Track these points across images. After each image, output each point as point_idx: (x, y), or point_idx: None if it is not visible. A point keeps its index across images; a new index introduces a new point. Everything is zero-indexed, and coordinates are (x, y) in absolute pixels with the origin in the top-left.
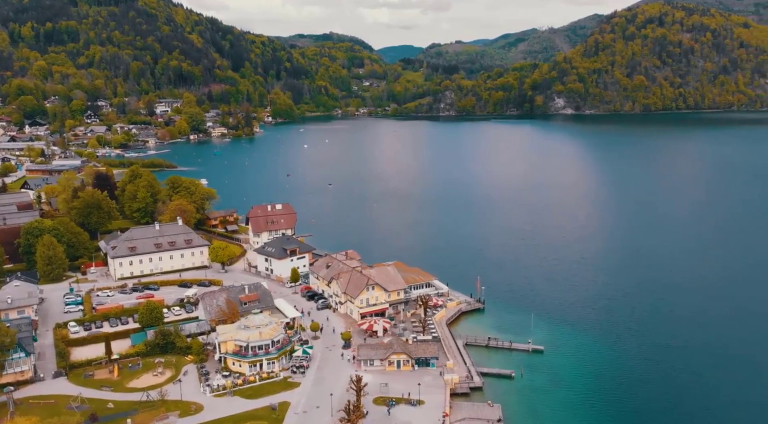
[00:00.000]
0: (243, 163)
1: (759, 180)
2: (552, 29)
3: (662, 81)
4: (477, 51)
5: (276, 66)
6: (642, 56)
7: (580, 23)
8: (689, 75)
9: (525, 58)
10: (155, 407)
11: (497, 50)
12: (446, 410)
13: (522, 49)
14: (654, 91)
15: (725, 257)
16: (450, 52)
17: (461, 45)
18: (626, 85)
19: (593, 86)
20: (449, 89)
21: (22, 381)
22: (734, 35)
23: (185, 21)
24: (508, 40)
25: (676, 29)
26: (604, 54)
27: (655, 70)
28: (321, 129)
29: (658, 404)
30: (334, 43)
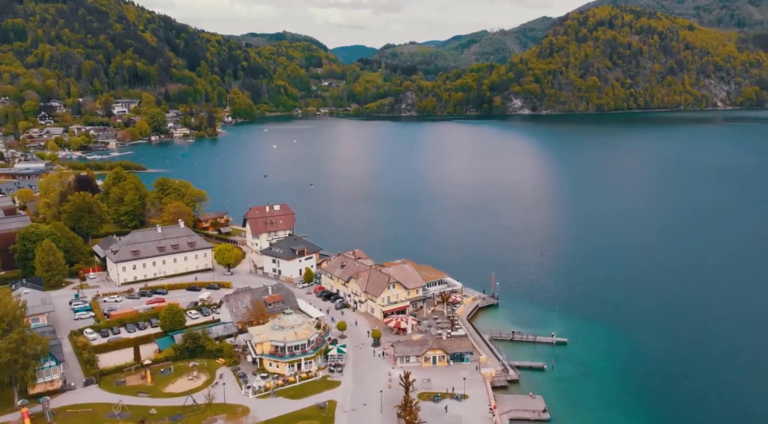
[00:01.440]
0: (214, 164)
1: (715, 175)
2: (503, 31)
3: (614, 82)
4: (431, 52)
5: (233, 65)
6: (594, 58)
7: (530, 25)
8: (639, 76)
9: (477, 60)
10: (201, 411)
11: (450, 51)
12: (493, 403)
13: (474, 51)
14: (606, 92)
15: (728, 251)
16: (405, 53)
17: (415, 46)
18: (580, 86)
19: (549, 87)
20: (410, 90)
21: (52, 391)
22: (680, 37)
23: (137, 19)
24: (461, 41)
25: (625, 32)
26: (559, 55)
27: (606, 71)
28: (285, 129)
29: (684, 388)
30: (290, 42)
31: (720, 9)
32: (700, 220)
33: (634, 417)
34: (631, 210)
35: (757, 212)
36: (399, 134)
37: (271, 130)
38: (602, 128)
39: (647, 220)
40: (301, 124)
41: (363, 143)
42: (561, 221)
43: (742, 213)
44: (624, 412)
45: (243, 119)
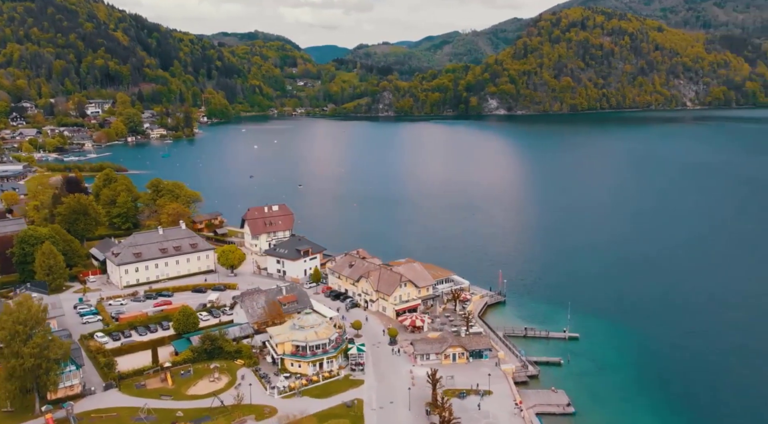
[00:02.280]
0: (197, 164)
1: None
2: (475, 32)
3: (587, 82)
4: (404, 52)
5: (206, 65)
6: (567, 58)
7: (501, 26)
8: (611, 76)
9: (450, 60)
10: (228, 412)
11: (423, 52)
12: (518, 398)
13: (447, 52)
14: (580, 92)
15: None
16: (378, 53)
17: (389, 46)
18: (554, 87)
19: (524, 87)
20: (387, 90)
21: (72, 396)
22: (650, 38)
23: (108, 18)
24: (433, 42)
25: (597, 33)
26: (533, 56)
27: (580, 72)
28: (263, 129)
29: (700, 379)
30: (264, 41)
31: (686, 11)
32: (689, 214)
33: (656, 409)
34: (620, 206)
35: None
36: (379, 134)
37: (248, 130)
38: (577, 128)
39: (639, 215)
40: (279, 125)
41: (345, 143)
42: (555, 218)
43: (733, 208)
44: (644, 404)
45: (218, 119)
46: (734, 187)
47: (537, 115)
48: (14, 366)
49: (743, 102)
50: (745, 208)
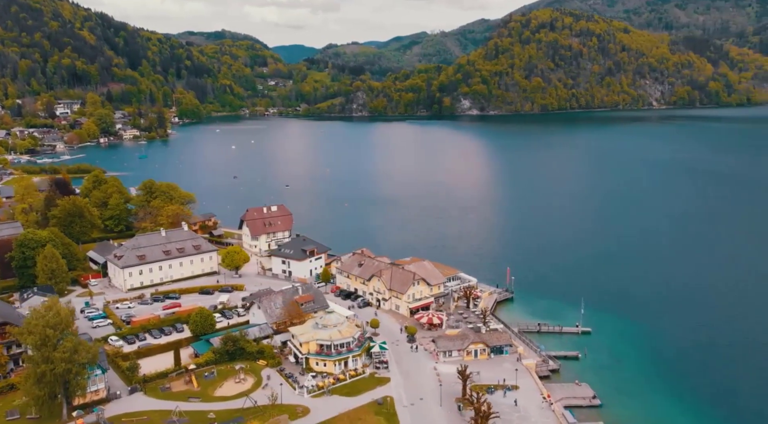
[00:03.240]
0: (177, 166)
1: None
2: (443, 33)
3: (557, 82)
4: (374, 52)
5: (175, 64)
6: (538, 59)
7: (469, 27)
8: (580, 76)
9: (420, 61)
10: (261, 412)
11: (392, 52)
12: (546, 392)
13: (417, 52)
14: (550, 92)
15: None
16: (348, 53)
17: (358, 46)
18: (525, 87)
19: (496, 88)
20: (360, 90)
21: (97, 400)
22: (617, 40)
23: (73, 16)
24: (402, 42)
25: (566, 34)
26: (504, 57)
27: (549, 73)
28: (237, 129)
29: (715, 368)
30: (232, 41)
31: (649, 12)
32: (681, 209)
33: (678, 399)
34: (609, 201)
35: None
36: (357, 134)
37: (223, 130)
38: (549, 128)
39: (634, 210)
40: (252, 125)
41: (324, 144)
42: (551, 216)
43: (725, 202)
44: (667, 394)
45: (190, 120)
46: (716, 184)
47: (509, 115)
48: (44, 371)
49: (707, 102)
50: (739, 205)
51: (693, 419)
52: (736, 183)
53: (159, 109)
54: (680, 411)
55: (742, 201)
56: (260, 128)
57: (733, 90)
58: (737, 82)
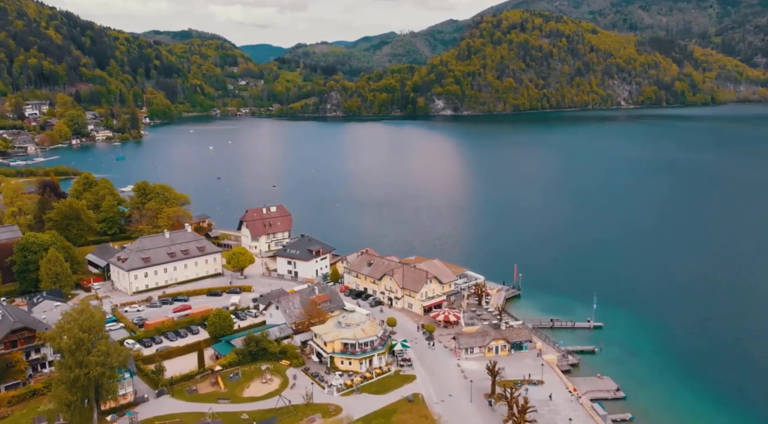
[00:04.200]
0: (156, 167)
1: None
2: (413, 33)
3: (528, 83)
4: (344, 52)
5: (144, 64)
6: (509, 60)
7: (438, 28)
8: (550, 77)
9: (390, 61)
10: (294, 412)
11: (362, 52)
12: (572, 386)
13: (386, 52)
14: (522, 93)
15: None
16: (317, 53)
17: (328, 46)
18: (498, 87)
19: (469, 88)
20: (334, 90)
21: (125, 404)
22: (585, 40)
23: (38, 15)
24: (372, 42)
25: (536, 35)
26: (476, 57)
27: (521, 73)
28: (212, 130)
29: (729, 358)
30: (201, 40)
31: (614, 14)
32: (673, 204)
33: (697, 388)
34: (598, 198)
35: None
36: (334, 134)
37: (197, 131)
38: (525, 128)
39: (625, 207)
40: (226, 125)
41: (302, 144)
42: (547, 213)
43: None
44: (686, 384)
45: (161, 120)
46: (701, 181)
47: (482, 116)
48: (78, 376)
49: (673, 101)
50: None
51: (714, 407)
52: (724, 181)
53: (132, 110)
54: (701, 400)
55: (735, 197)
56: (234, 128)
57: (697, 90)
58: (702, 82)
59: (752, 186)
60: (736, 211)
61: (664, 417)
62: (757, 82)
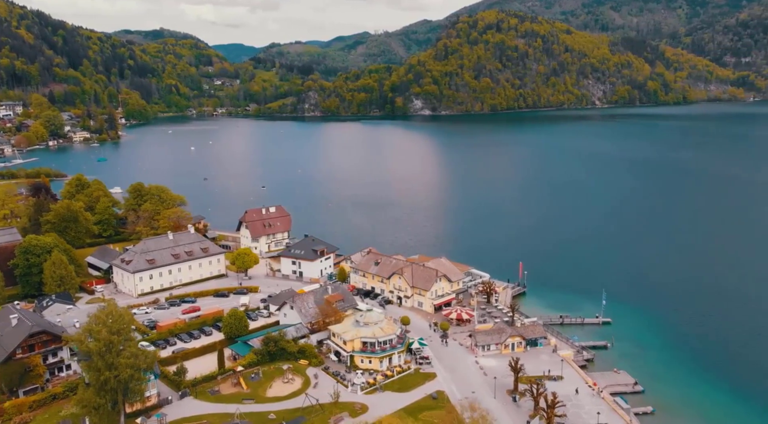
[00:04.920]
0: (140, 168)
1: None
2: (387, 33)
3: (505, 83)
4: (318, 52)
5: (118, 64)
6: (486, 60)
7: (412, 28)
8: (526, 77)
9: (365, 61)
10: (322, 411)
11: (337, 52)
12: (591, 381)
13: (361, 52)
14: (499, 93)
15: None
16: (292, 53)
17: (302, 45)
18: (475, 87)
19: (446, 88)
20: (312, 90)
21: (150, 407)
22: (560, 41)
23: (9, 14)
24: (346, 42)
25: (512, 35)
26: (454, 58)
27: (498, 73)
28: (190, 130)
29: (739, 349)
30: (176, 40)
31: (586, 14)
32: (665, 201)
33: (712, 380)
34: (597, 195)
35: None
36: (314, 134)
37: (175, 131)
38: (505, 127)
39: (619, 204)
40: (204, 125)
41: (284, 144)
42: (547, 210)
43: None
44: (701, 377)
45: (137, 121)
46: (685, 179)
47: (460, 115)
48: (108, 378)
49: (646, 100)
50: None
51: (732, 399)
52: (718, 178)
53: (110, 111)
54: (718, 392)
55: (732, 193)
56: (213, 129)
57: (670, 89)
58: (673, 82)
59: (746, 184)
60: (737, 206)
61: (684, 410)
62: (727, 82)
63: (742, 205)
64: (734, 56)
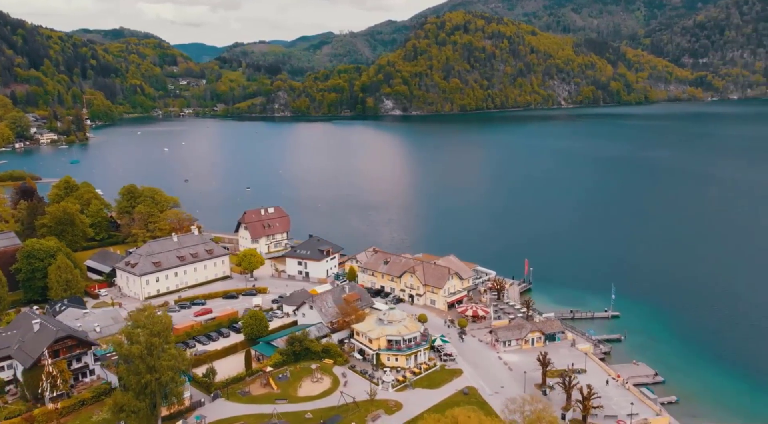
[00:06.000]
0: (115, 170)
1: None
2: (353, 33)
3: (473, 83)
4: (283, 52)
5: (80, 64)
6: (454, 61)
7: (377, 28)
8: (494, 77)
9: (331, 61)
10: (358, 409)
11: (302, 52)
12: (614, 373)
13: (327, 52)
14: (467, 93)
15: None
16: (256, 52)
17: (266, 45)
18: (444, 88)
19: (417, 89)
20: (282, 90)
21: (183, 409)
22: (526, 42)
23: None
24: (311, 42)
25: (479, 36)
26: (423, 58)
27: (466, 74)
28: (159, 131)
29: (744, 337)
30: (138, 39)
31: (548, 16)
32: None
33: (727, 368)
34: (591, 192)
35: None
36: (287, 135)
37: (144, 132)
38: (477, 127)
39: (614, 200)
40: (172, 126)
41: (258, 144)
42: (546, 208)
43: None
44: (716, 365)
45: (102, 122)
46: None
47: (431, 116)
48: (149, 381)
49: (609, 100)
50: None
51: (750, 385)
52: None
53: (77, 112)
54: (735, 380)
55: (713, 189)
56: (182, 129)
57: (632, 89)
58: (635, 82)
59: (728, 180)
60: (726, 199)
61: (706, 398)
62: (686, 82)
63: (729, 199)
64: (692, 57)
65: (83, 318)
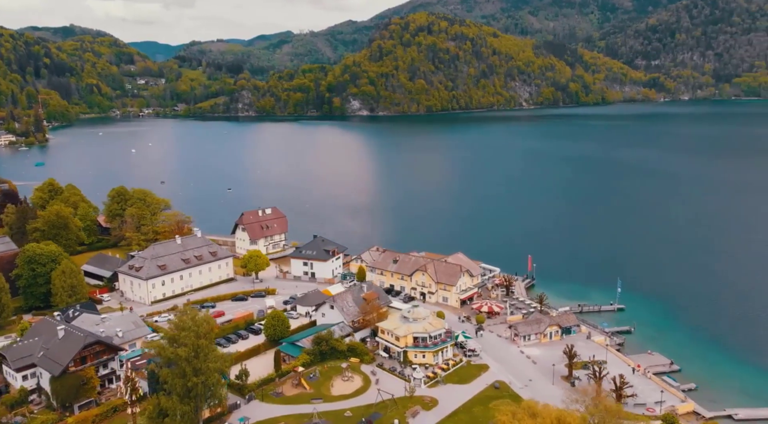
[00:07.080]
0: (84, 172)
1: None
2: (313, 33)
3: (438, 84)
4: (242, 51)
5: (33, 62)
6: (420, 62)
7: (338, 28)
8: (458, 79)
9: (291, 60)
10: (396, 406)
11: (261, 51)
12: (633, 363)
13: (287, 51)
14: (433, 94)
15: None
16: (214, 51)
17: (225, 44)
18: (410, 89)
19: (383, 89)
20: (245, 89)
21: (220, 413)
22: (488, 44)
23: None
24: (270, 41)
25: (443, 38)
26: (389, 59)
27: (431, 75)
28: (122, 132)
29: (749, 324)
30: (93, 37)
31: (506, 18)
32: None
33: (741, 355)
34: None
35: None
36: (256, 135)
37: (106, 133)
38: (445, 128)
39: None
40: (134, 126)
41: (227, 144)
42: (545, 205)
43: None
44: (726, 352)
45: (59, 123)
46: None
47: (397, 116)
48: (196, 384)
49: (568, 101)
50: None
51: (763, 370)
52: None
53: (35, 112)
54: (749, 366)
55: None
56: (144, 130)
57: (589, 90)
58: (592, 83)
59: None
60: (722, 195)
61: (723, 384)
62: (640, 83)
63: (717, 193)
64: (645, 59)
65: (102, 323)
